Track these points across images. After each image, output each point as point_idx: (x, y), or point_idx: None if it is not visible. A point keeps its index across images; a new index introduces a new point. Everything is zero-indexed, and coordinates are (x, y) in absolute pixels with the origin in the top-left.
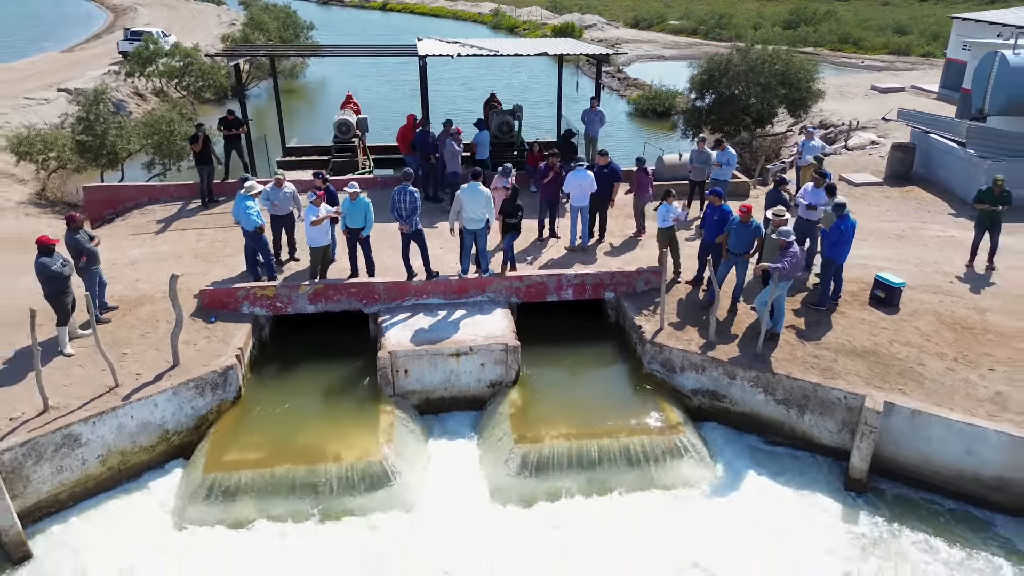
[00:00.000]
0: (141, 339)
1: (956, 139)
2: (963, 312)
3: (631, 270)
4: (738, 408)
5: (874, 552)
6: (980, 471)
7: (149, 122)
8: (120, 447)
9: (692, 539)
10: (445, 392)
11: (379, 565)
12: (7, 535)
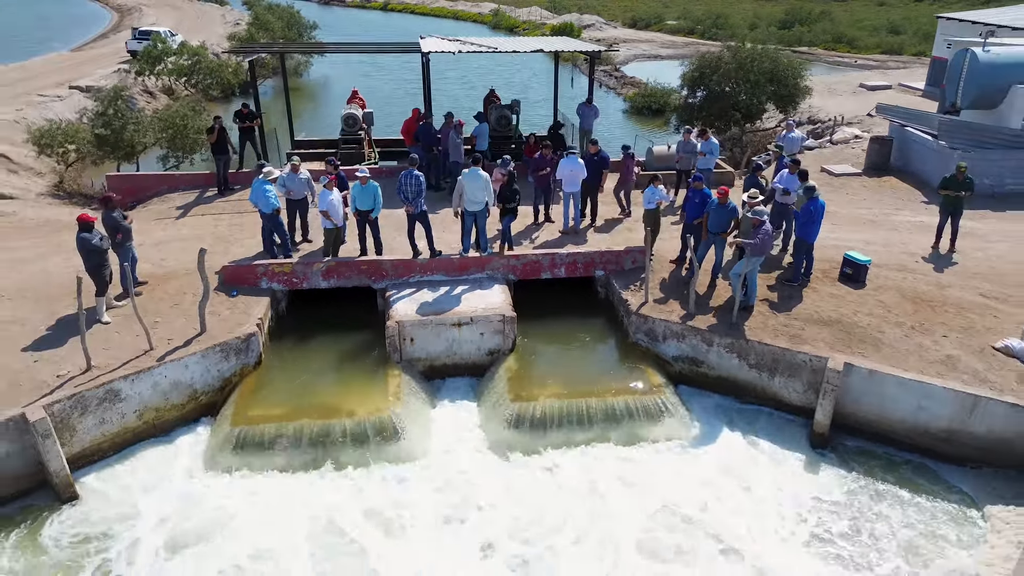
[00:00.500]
0: (170, 310)
1: (929, 131)
2: (924, 287)
3: (619, 250)
4: (715, 372)
5: (833, 498)
6: (930, 425)
7: (164, 117)
8: (155, 403)
9: (667, 486)
10: (448, 359)
11: (387, 507)
12: (58, 477)
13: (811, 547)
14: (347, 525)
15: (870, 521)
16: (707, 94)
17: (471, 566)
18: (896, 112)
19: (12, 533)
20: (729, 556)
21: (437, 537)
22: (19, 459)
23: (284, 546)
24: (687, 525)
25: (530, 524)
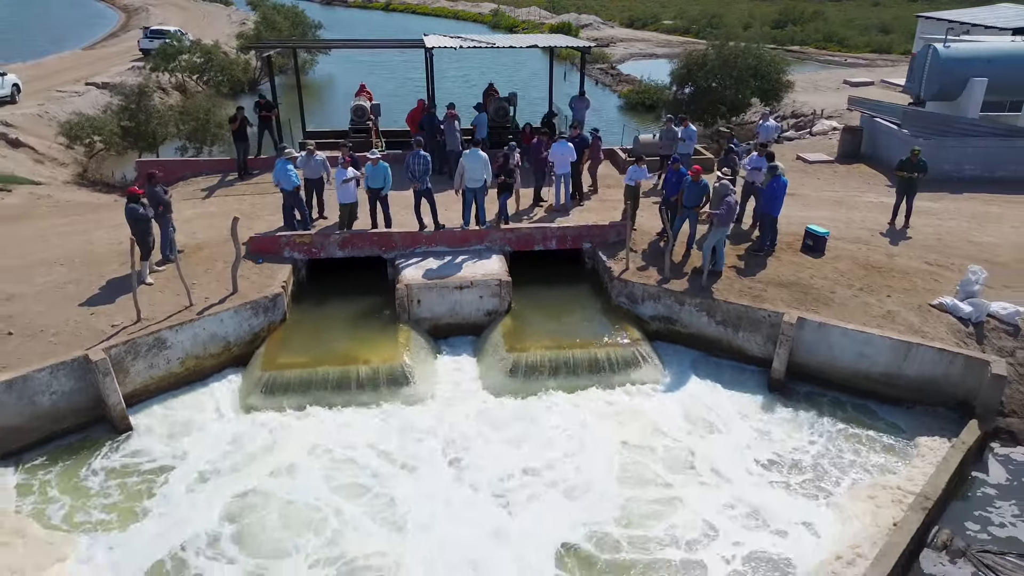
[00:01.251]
0: (204, 273)
1: (895, 121)
2: (877, 257)
3: (604, 224)
4: (687, 329)
5: (785, 430)
6: (870, 370)
7: (186, 110)
8: (195, 352)
9: (641, 420)
10: (451, 319)
11: (394, 439)
12: (115, 410)
13: (764, 467)
14: (361, 453)
15: (815, 448)
16: (695, 89)
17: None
18: (866, 104)
19: (78, 458)
20: (691, 473)
21: (441, 464)
22: (82, 395)
23: (304, 471)
24: (658, 451)
25: (524, 450)
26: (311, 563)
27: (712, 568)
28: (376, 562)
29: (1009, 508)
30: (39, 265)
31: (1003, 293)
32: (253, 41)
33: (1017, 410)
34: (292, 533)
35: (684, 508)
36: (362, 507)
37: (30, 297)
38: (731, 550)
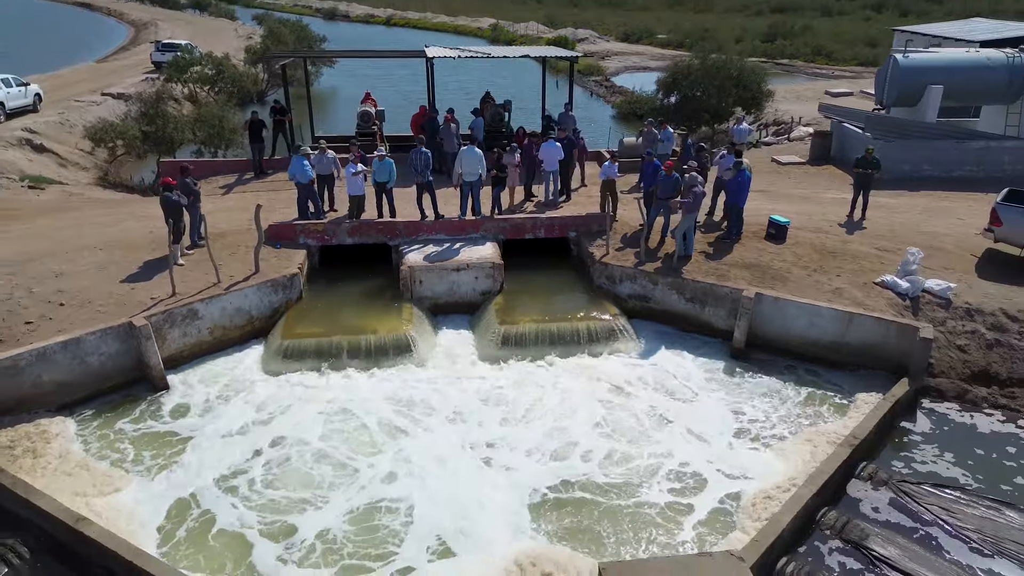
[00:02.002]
0: (229, 257)
1: (860, 125)
2: (832, 243)
3: (587, 214)
4: (659, 306)
5: (743, 391)
6: (819, 338)
7: (203, 116)
8: (222, 323)
9: (615, 383)
10: (449, 298)
11: (400, 397)
12: (155, 371)
13: (722, 420)
14: (373, 405)
15: (767, 404)
16: (680, 98)
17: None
18: (835, 110)
19: (124, 410)
20: (659, 424)
21: (440, 414)
22: (126, 357)
23: (321, 420)
24: (631, 407)
25: (511, 410)
26: (329, 484)
27: (669, 494)
28: (388, 485)
29: (931, 451)
30: (81, 249)
31: (942, 273)
32: (260, 54)
33: (945, 371)
34: (312, 465)
35: (652, 450)
36: (374, 448)
37: (77, 275)
38: (689, 481)
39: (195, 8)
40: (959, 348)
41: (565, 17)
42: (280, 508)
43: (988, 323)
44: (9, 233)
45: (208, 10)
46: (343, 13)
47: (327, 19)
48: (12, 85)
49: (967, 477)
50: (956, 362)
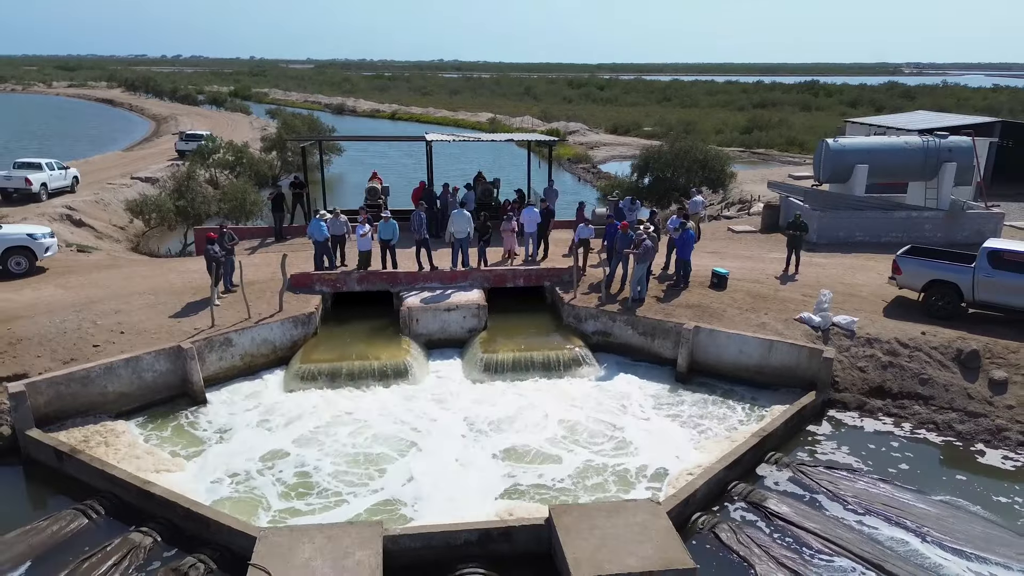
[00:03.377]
0: (257, 299)
1: (801, 199)
2: (765, 291)
3: (560, 268)
4: (618, 340)
5: (683, 405)
6: (747, 363)
7: (227, 192)
8: (251, 351)
9: (580, 399)
10: (441, 334)
11: (398, 411)
12: (196, 387)
13: (664, 426)
14: (371, 418)
15: (700, 413)
16: (653, 178)
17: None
18: (781, 186)
19: (172, 418)
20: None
21: (431, 419)
22: (173, 375)
23: (335, 425)
24: (590, 417)
25: (491, 417)
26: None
27: (612, 473)
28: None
29: (831, 446)
30: (133, 294)
31: (855, 312)
32: (277, 141)
33: (848, 387)
34: (329, 459)
35: (604, 446)
36: (379, 449)
37: (132, 312)
38: (633, 466)
39: (212, 104)
40: (859, 369)
41: (559, 112)
42: (299, 477)
43: (884, 349)
44: (70, 283)
45: (224, 105)
46: (350, 108)
47: (335, 113)
48: (54, 168)
49: (858, 464)
50: (857, 380)
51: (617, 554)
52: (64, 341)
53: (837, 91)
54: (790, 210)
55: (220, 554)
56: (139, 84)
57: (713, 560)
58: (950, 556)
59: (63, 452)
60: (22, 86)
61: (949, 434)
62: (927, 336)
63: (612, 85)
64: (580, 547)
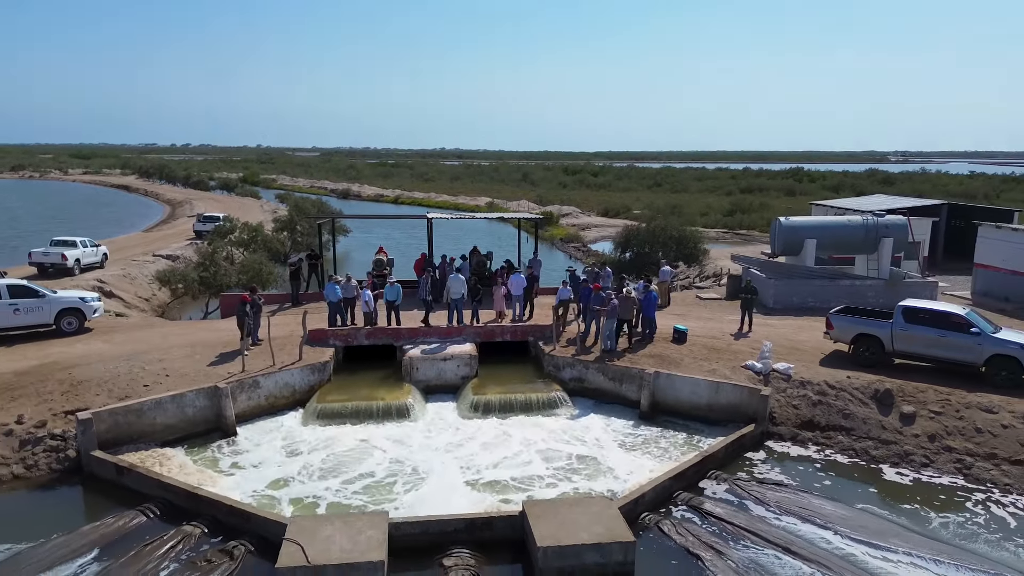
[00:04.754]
0: (279, 351)
1: (759, 270)
2: (719, 345)
3: (543, 324)
4: (591, 385)
5: (644, 437)
6: (699, 403)
7: (246, 264)
8: (275, 393)
9: (557, 432)
10: (437, 381)
11: (400, 444)
12: (228, 422)
13: (628, 455)
14: (379, 445)
15: (658, 443)
16: (633, 254)
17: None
18: (743, 259)
19: (206, 449)
20: (587, 460)
21: (427, 447)
22: (210, 411)
23: (343, 456)
24: (565, 447)
25: (480, 448)
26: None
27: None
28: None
29: (766, 468)
30: (172, 347)
31: (795, 362)
32: (288, 223)
33: (784, 422)
34: (341, 476)
35: (571, 464)
36: (386, 467)
37: (173, 360)
38: (594, 479)
39: (223, 189)
40: (794, 406)
41: (554, 197)
42: (316, 487)
43: (815, 390)
44: (116, 340)
45: (235, 191)
46: (355, 193)
47: (341, 198)
48: (87, 245)
49: (786, 480)
50: (791, 415)
51: (574, 532)
52: (118, 383)
53: (820, 177)
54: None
55: (257, 540)
56: (153, 171)
57: (654, 545)
58: (851, 544)
59: (123, 467)
60: (39, 173)
61: (865, 458)
62: (851, 379)
63: (606, 172)
64: (546, 528)
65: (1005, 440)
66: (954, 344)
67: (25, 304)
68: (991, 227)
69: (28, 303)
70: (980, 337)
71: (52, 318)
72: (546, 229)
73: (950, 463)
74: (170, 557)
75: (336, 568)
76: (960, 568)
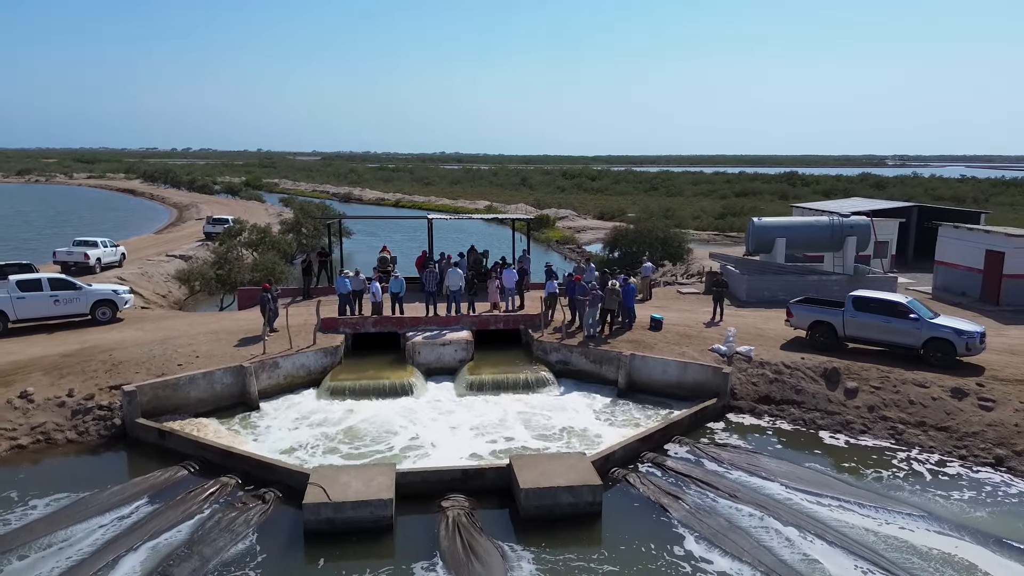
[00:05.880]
0: (296, 336)
1: (734, 266)
2: (692, 332)
3: (533, 314)
4: (575, 367)
5: (622, 411)
6: (670, 381)
7: (258, 263)
8: (291, 373)
9: (543, 407)
10: (437, 364)
11: (404, 415)
12: (252, 397)
13: (605, 423)
14: (385, 416)
15: (633, 414)
16: (622, 252)
17: (447, 436)
18: (720, 257)
19: (234, 419)
20: (568, 428)
21: (430, 423)
22: (236, 387)
23: (354, 424)
24: (549, 419)
25: (474, 417)
26: (365, 444)
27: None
28: (399, 443)
29: (725, 435)
30: (198, 334)
31: (758, 347)
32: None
33: (744, 396)
34: (353, 440)
35: (553, 432)
36: (392, 432)
37: (201, 343)
38: (572, 442)
39: (227, 193)
40: (752, 383)
41: (551, 200)
42: (332, 447)
43: (772, 369)
44: (146, 328)
45: (239, 194)
46: (357, 197)
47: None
48: (107, 246)
49: (742, 443)
50: (751, 391)
51: (551, 478)
52: (154, 363)
53: (814, 181)
54: (726, 275)
55: (283, 488)
56: (157, 175)
57: (621, 493)
58: (791, 492)
59: (165, 431)
60: (45, 177)
61: (812, 427)
62: (805, 360)
63: (603, 176)
64: (528, 475)
65: (933, 410)
66: (897, 329)
67: (64, 295)
68: (950, 227)
69: (67, 294)
70: (919, 322)
71: (88, 308)
72: (542, 232)
73: (885, 430)
74: (211, 501)
75: (353, 504)
76: (879, 510)
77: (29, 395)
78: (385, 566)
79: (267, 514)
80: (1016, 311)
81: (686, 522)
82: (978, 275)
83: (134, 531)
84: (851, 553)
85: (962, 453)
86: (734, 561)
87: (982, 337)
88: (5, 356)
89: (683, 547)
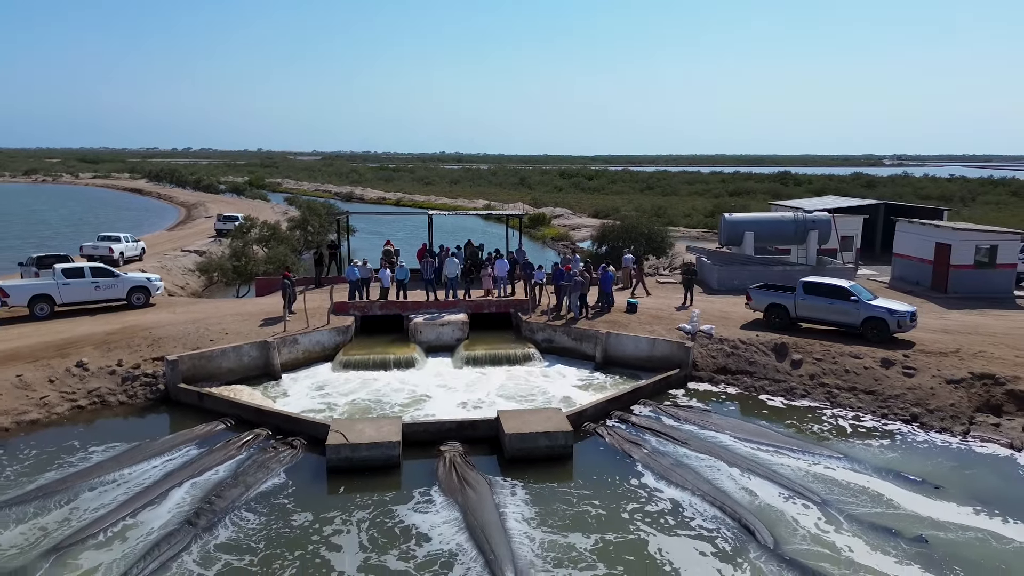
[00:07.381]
0: (312, 317)
1: (707, 258)
2: (664, 315)
3: (523, 299)
4: (558, 345)
5: (598, 381)
6: (640, 355)
7: (271, 255)
8: (309, 349)
9: (527, 378)
10: (437, 342)
11: (407, 384)
12: (275, 368)
13: (580, 390)
14: (391, 384)
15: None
16: (609, 247)
17: (445, 399)
18: (695, 249)
19: (262, 387)
20: (549, 394)
21: (429, 387)
22: (261, 360)
23: (365, 390)
24: (534, 387)
25: (467, 386)
26: (379, 406)
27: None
28: (404, 403)
29: (686, 400)
30: (226, 315)
31: (720, 327)
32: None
33: (704, 368)
34: (365, 403)
35: (538, 395)
36: (400, 397)
37: (229, 323)
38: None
39: (232, 192)
40: (712, 357)
41: (548, 199)
42: (347, 408)
43: (729, 345)
44: (178, 311)
45: (244, 194)
46: (358, 196)
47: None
48: (129, 240)
49: (699, 405)
50: (710, 363)
51: (531, 426)
52: (189, 339)
53: (807, 180)
54: (701, 265)
55: (308, 438)
56: (163, 175)
57: (590, 443)
58: (734, 440)
59: (203, 394)
60: (52, 177)
61: (761, 393)
62: (759, 337)
63: (600, 176)
64: (512, 423)
65: (864, 377)
66: (840, 309)
67: (104, 282)
68: (905, 222)
69: (106, 281)
70: (858, 304)
71: (125, 294)
72: (539, 229)
73: (822, 394)
74: (247, 448)
75: (367, 445)
76: (807, 453)
77: (84, 364)
78: (392, 492)
79: (296, 457)
80: (961, 298)
81: (645, 463)
82: (929, 266)
83: (184, 469)
84: (780, 485)
85: (884, 412)
86: (683, 492)
87: (912, 316)
88: (58, 334)
89: (640, 481)
